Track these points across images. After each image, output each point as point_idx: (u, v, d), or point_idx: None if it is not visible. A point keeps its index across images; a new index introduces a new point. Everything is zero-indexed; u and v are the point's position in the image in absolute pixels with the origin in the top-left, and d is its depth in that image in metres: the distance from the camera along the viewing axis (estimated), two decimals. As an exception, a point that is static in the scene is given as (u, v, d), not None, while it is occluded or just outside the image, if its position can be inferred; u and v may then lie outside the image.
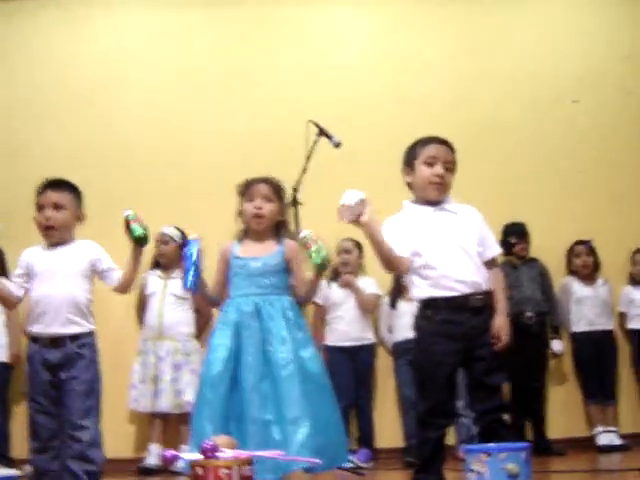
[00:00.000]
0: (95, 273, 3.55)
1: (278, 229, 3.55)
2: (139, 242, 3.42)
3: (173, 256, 5.46)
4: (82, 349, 3.44)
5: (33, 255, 3.55)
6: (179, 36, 6.18)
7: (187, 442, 4.78)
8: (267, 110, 5.97)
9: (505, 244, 5.65)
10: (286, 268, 3.47)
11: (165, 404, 5.26)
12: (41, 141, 5.91)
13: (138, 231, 3.38)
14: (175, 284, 5.32)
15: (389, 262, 3.08)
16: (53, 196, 3.51)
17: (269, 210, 3.49)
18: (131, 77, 6.07)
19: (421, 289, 3.13)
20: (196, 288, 3.38)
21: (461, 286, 3.08)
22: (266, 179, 3.54)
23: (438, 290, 3.08)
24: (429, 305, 3.11)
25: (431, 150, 3.21)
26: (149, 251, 5.56)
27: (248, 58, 6.11)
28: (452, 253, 3.12)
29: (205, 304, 3.68)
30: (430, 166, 3.19)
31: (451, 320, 3.06)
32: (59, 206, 3.51)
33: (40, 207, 3.52)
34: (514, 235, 5.72)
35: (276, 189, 3.54)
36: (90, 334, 3.50)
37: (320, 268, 3.36)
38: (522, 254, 5.76)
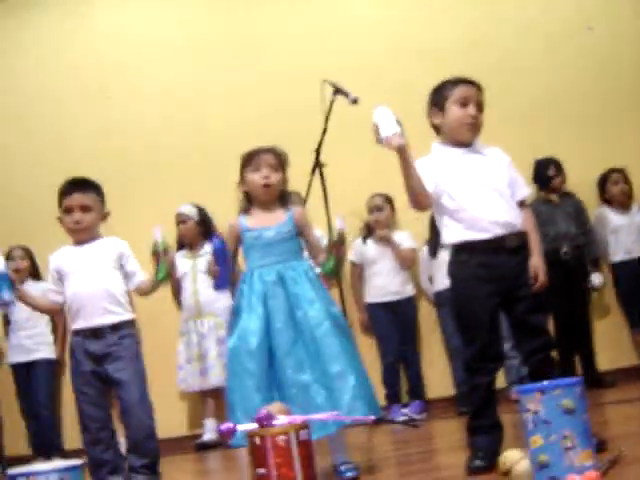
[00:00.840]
0: (120, 270, 3.57)
1: (283, 198, 3.54)
2: (160, 282, 3.52)
3: (194, 234, 5.48)
4: (124, 339, 3.47)
5: (60, 257, 3.57)
6: (184, 9, 6.16)
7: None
8: (279, 75, 5.94)
9: (541, 178, 5.60)
10: (297, 233, 3.45)
11: (215, 379, 5.29)
12: (58, 137, 5.93)
13: (161, 274, 3.47)
14: (204, 261, 5.31)
15: (417, 195, 3.02)
16: (80, 198, 3.51)
17: (277, 179, 3.47)
18: (139, 57, 6.06)
19: (455, 232, 3.08)
20: (228, 284, 3.39)
21: (496, 227, 3.03)
22: (271, 149, 3.50)
23: (473, 232, 3.03)
24: (464, 249, 3.06)
25: (463, 90, 3.16)
26: (173, 232, 5.59)
27: (254, 24, 6.07)
28: (485, 194, 3.07)
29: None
30: (463, 106, 3.14)
31: (488, 263, 3.02)
32: (87, 208, 3.51)
33: (68, 209, 3.52)
34: (552, 167, 5.66)
35: (281, 159, 3.51)
36: (130, 323, 3.53)
37: (328, 274, 3.39)
38: (560, 187, 5.70)
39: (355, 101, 4.54)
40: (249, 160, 3.49)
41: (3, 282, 3.27)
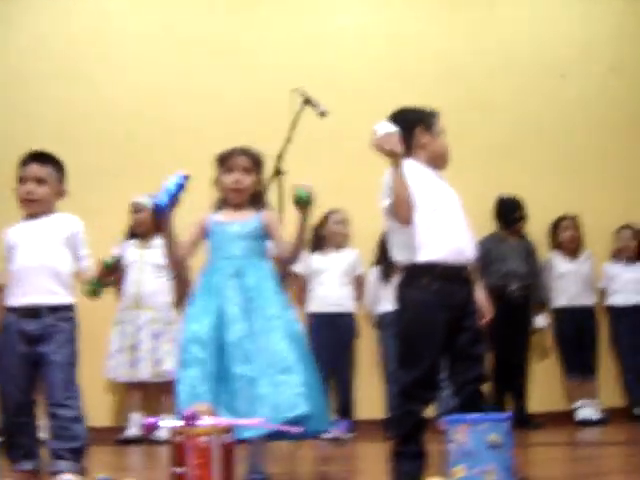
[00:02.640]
0: (70, 249, 3.46)
1: (256, 199, 3.50)
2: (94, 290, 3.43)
3: (148, 224, 5.42)
4: (61, 322, 3.35)
5: (12, 232, 3.46)
6: (169, 6, 6.10)
7: (168, 411, 4.80)
8: (254, 77, 5.92)
9: (506, 218, 5.67)
10: (264, 235, 3.42)
11: (144, 373, 5.25)
12: (26, 115, 5.79)
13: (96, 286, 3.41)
14: (153, 253, 5.31)
15: (405, 206, 2.93)
16: (36, 170, 3.43)
17: (248, 183, 3.44)
18: (117, 45, 5.98)
19: (423, 251, 2.98)
20: (167, 208, 3.29)
21: (461, 255, 3.01)
22: (245, 150, 3.47)
23: (442, 254, 2.97)
24: (425, 272, 2.98)
25: (441, 123, 3.17)
26: (124, 221, 5.52)
27: (235, 24, 6.05)
28: (458, 220, 3.05)
29: (173, 260, 3.50)
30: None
31: (445, 290, 2.97)
32: (41, 180, 3.42)
33: (22, 179, 3.44)
34: (520, 210, 5.73)
35: (255, 160, 3.49)
36: (70, 307, 3.41)
37: (304, 203, 3.27)
38: (521, 230, 5.77)
39: (324, 114, 4.51)
40: (222, 161, 3.47)
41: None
